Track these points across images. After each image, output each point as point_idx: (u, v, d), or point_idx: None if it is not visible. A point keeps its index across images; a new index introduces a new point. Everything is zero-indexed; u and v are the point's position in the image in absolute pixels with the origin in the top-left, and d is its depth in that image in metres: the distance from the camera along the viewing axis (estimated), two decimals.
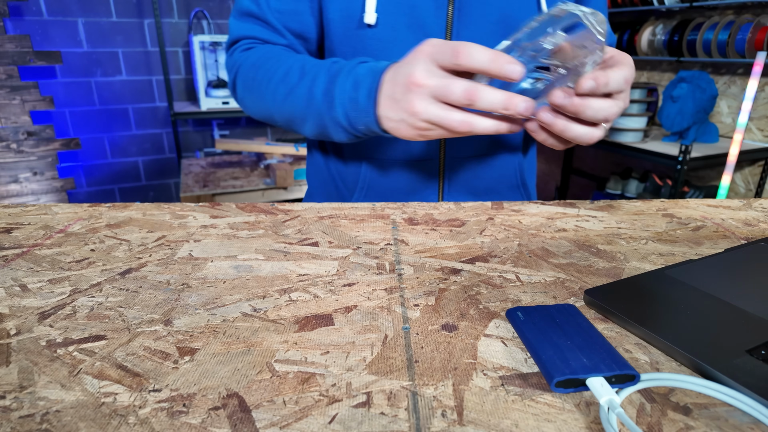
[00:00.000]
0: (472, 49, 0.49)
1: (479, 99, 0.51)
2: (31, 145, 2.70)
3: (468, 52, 0.50)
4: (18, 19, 2.77)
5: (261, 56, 0.74)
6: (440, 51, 0.52)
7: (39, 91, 2.66)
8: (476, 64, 0.50)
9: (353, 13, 0.74)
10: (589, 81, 0.50)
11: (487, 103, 0.50)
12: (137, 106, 3.18)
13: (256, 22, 0.77)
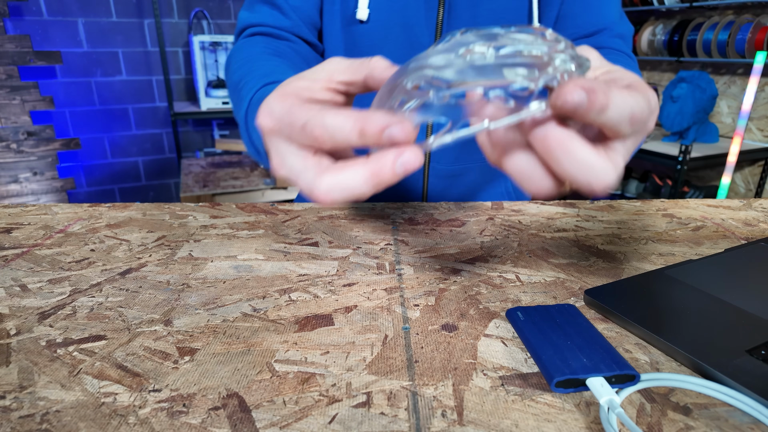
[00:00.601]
0: (326, 119, 0.32)
1: (318, 133, 0.33)
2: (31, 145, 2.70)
3: (320, 125, 0.32)
4: (18, 19, 2.77)
5: (234, 55, 0.71)
6: (286, 128, 0.35)
7: (39, 91, 2.66)
8: (336, 139, 0.32)
9: (346, 8, 0.74)
10: (577, 91, 0.29)
11: (329, 136, 0.32)
12: (137, 106, 3.18)
13: (264, 5, 0.76)
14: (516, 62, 0.29)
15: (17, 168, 2.71)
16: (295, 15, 0.74)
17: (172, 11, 3.10)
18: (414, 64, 0.32)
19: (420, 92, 0.31)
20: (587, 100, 0.29)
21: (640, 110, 0.32)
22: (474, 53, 0.30)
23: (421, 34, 0.73)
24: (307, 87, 0.37)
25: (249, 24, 0.76)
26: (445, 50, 0.31)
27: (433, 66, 0.31)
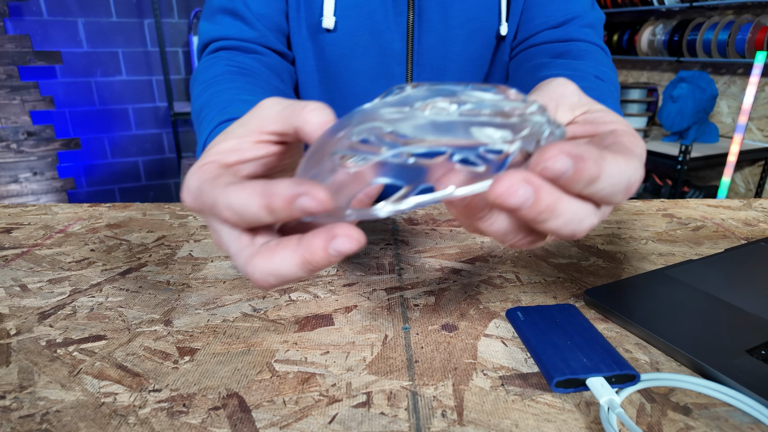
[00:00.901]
0: (230, 198, 0.28)
1: (227, 215, 0.28)
2: (31, 145, 2.70)
3: (226, 205, 0.28)
4: (18, 19, 2.77)
5: (196, 76, 0.65)
6: (204, 207, 0.30)
7: (39, 91, 2.66)
8: (246, 218, 0.28)
9: (311, 15, 0.69)
10: (561, 158, 0.24)
11: (238, 217, 0.28)
12: (137, 106, 3.18)
13: (225, 16, 0.69)
14: (485, 121, 0.25)
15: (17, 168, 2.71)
16: (261, 24, 0.69)
17: (172, 11, 3.10)
18: (360, 116, 0.27)
19: (369, 147, 0.25)
20: (573, 169, 0.25)
21: (637, 178, 0.28)
22: (435, 108, 0.25)
23: (392, 39, 0.70)
24: (234, 148, 0.33)
25: (212, 38, 0.69)
26: (397, 103, 0.27)
27: (385, 119, 0.25)
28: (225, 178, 0.30)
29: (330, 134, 0.28)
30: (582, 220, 0.27)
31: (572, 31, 0.68)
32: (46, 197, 2.78)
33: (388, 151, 0.25)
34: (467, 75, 0.72)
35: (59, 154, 3.02)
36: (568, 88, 0.36)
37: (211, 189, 0.29)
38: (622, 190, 0.27)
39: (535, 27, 0.69)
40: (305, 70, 0.72)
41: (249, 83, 0.57)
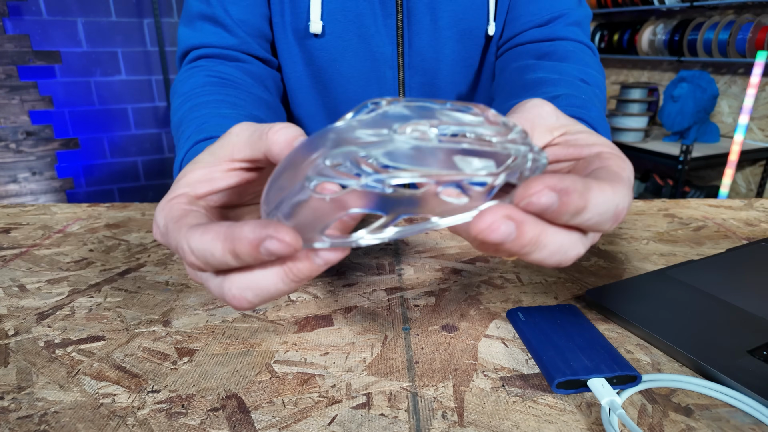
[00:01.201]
0: (192, 242, 0.26)
1: (191, 260, 0.27)
2: (30, 145, 2.70)
3: (188, 251, 0.27)
4: (17, 18, 2.77)
5: (176, 88, 0.63)
6: (168, 245, 0.30)
7: (38, 91, 2.66)
8: (212, 264, 0.26)
9: (298, 20, 0.67)
10: (546, 193, 0.24)
11: (204, 262, 0.27)
12: (136, 105, 3.17)
13: (205, 22, 0.67)
14: (468, 149, 0.24)
15: (16, 168, 2.70)
16: (242, 31, 0.66)
17: (172, 11, 3.10)
18: (334, 137, 0.25)
19: (345, 174, 0.24)
20: (558, 203, 0.24)
21: (624, 205, 0.27)
22: (415, 131, 0.24)
23: (382, 43, 0.69)
24: (204, 178, 0.32)
25: (192, 45, 0.67)
26: (373, 123, 0.25)
27: (361, 141, 0.24)
28: (190, 218, 0.29)
29: (300, 153, 0.26)
30: (568, 251, 0.27)
31: (558, 30, 0.67)
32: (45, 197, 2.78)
33: (366, 179, 0.23)
34: (459, 76, 0.72)
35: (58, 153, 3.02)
36: (545, 109, 0.35)
37: (175, 230, 0.28)
38: (610, 218, 0.27)
39: (521, 25, 0.68)
40: (294, 77, 0.71)
41: (229, 95, 0.56)
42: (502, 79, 0.66)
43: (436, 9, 0.66)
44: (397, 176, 0.23)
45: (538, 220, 0.25)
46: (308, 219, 0.25)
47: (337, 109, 0.73)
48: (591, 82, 0.57)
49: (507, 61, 0.68)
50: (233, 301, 0.27)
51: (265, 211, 0.27)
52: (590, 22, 0.71)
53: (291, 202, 0.25)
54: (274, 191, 0.26)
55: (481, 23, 0.68)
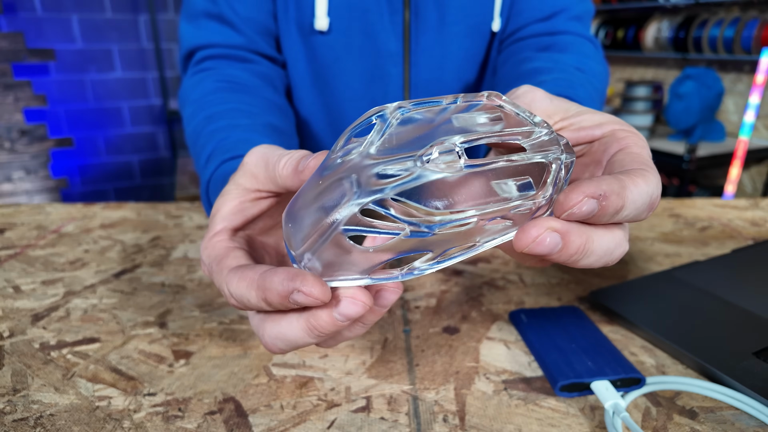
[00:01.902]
0: (231, 288, 0.29)
1: (233, 303, 0.29)
2: (24, 144, 2.69)
3: (229, 295, 0.29)
4: (11, 15, 2.75)
5: (187, 93, 0.62)
6: (214, 281, 0.32)
7: (32, 89, 2.64)
8: (250, 306, 0.28)
9: (302, 15, 0.66)
10: (586, 202, 0.25)
11: (243, 305, 0.29)
12: (132, 103, 3.16)
13: (210, 21, 0.66)
14: (502, 169, 0.24)
15: (10, 167, 2.69)
16: (248, 28, 0.65)
17: (167, 7, 3.08)
18: (352, 172, 0.24)
19: (383, 225, 0.23)
20: (599, 208, 0.25)
21: (657, 193, 0.27)
22: (440, 158, 0.23)
23: (387, 40, 0.67)
24: (237, 210, 0.34)
25: (197, 45, 0.65)
26: (390, 149, 0.24)
27: (387, 183, 0.22)
28: (230, 259, 0.31)
29: (320, 196, 0.25)
30: (614, 251, 0.27)
31: (559, 24, 0.66)
32: (39, 197, 2.76)
33: (411, 227, 0.23)
34: (464, 73, 0.71)
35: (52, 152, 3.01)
36: (536, 95, 0.35)
37: (218, 273, 0.30)
38: (646, 209, 0.27)
39: (523, 20, 0.67)
40: (297, 74, 0.71)
41: (243, 102, 0.55)
42: (502, 73, 0.66)
43: (444, 5, 0.66)
44: (443, 222, 0.23)
45: (581, 226, 0.26)
46: (346, 264, 0.25)
47: (339, 107, 0.72)
48: (587, 70, 0.57)
49: (508, 55, 0.67)
50: (267, 346, 0.29)
51: (292, 254, 0.27)
52: (592, 18, 0.71)
53: (322, 251, 0.25)
54: (297, 231, 0.26)
55: (487, 19, 0.68)
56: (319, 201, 0.25)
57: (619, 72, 3.39)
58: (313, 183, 0.26)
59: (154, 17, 2.94)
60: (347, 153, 0.25)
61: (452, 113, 0.26)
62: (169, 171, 3.41)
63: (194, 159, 0.54)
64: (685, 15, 2.83)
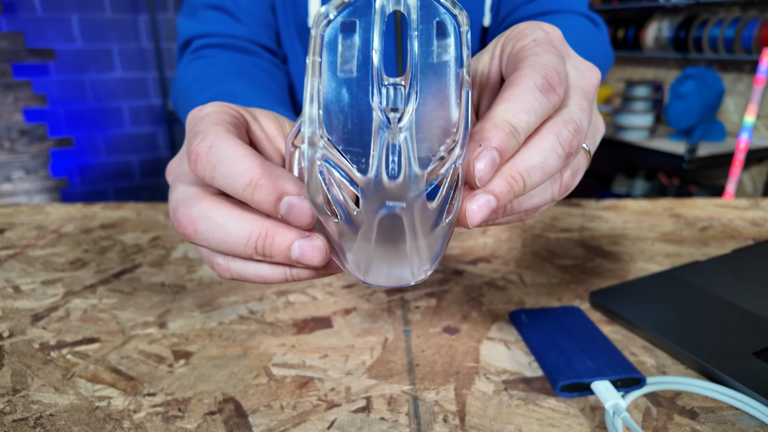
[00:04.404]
0: (224, 163, 0.24)
1: (202, 235, 0.25)
2: (24, 144, 2.68)
3: (216, 162, 0.24)
4: (11, 15, 2.75)
5: (195, 74, 0.59)
6: (186, 168, 0.29)
7: (32, 89, 2.64)
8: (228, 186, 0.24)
9: (298, 15, 0.65)
10: (480, 211, 0.24)
11: (216, 242, 0.25)
12: (132, 103, 3.16)
13: (211, 11, 0.64)
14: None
15: (10, 167, 2.69)
16: (250, 20, 0.64)
17: (167, 7, 3.08)
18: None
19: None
20: (497, 206, 0.24)
21: (565, 143, 0.25)
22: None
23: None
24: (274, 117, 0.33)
25: (195, 34, 0.63)
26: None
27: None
28: (227, 126, 0.27)
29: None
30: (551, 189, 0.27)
31: (548, 2, 0.63)
32: (39, 197, 2.76)
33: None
34: None
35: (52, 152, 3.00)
36: (471, 62, 0.32)
37: (205, 127, 0.26)
38: (562, 155, 0.25)
39: (512, 5, 0.64)
40: (297, 72, 0.70)
41: (255, 89, 0.54)
42: None
43: None
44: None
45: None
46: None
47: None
48: (571, 36, 0.53)
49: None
50: (181, 223, 0.25)
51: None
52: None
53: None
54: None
55: (479, 15, 0.67)
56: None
57: (620, 72, 3.38)
58: None
59: (154, 17, 2.94)
60: None
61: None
62: None
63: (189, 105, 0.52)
64: (685, 15, 2.83)
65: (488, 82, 0.30)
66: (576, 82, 0.27)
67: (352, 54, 0.21)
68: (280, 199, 0.23)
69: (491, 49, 0.30)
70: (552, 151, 0.24)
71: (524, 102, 0.23)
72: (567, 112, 0.25)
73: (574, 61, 0.29)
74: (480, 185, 0.24)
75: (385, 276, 0.24)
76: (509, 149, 0.23)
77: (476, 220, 0.24)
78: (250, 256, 0.25)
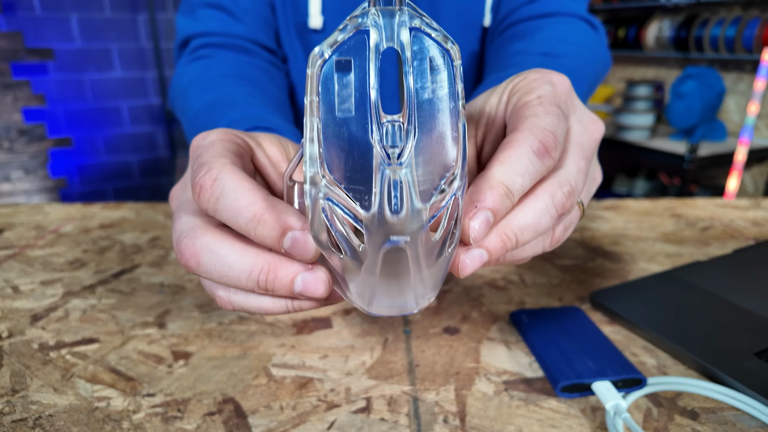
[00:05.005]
0: (227, 196, 0.24)
1: (204, 268, 0.26)
2: (23, 144, 2.68)
3: (219, 195, 0.25)
4: (10, 14, 2.75)
5: (195, 77, 0.59)
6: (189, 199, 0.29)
7: (31, 89, 2.64)
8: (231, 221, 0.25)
9: (298, 15, 0.65)
10: (470, 263, 0.25)
11: (218, 275, 0.26)
12: (131, 103, 3.16)
13: (209, 9, 0.63)
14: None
15: (9, 167, 2.68)
16: (249, 19, 0.63)
17: (167, 6, 3.08)
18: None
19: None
20: (489, 260, 0.25)
21: (558, 205, 0.26)
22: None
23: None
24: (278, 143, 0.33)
25: (194, 33, 0.63)
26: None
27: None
28: (232, 157, 0.28)
29: None
30: (543, 242, 0.28)
31: (547, 4, 0.62)
32: (38, 197, 2.76)
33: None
34: None
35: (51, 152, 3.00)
36: (477, 102, 0.33)
37: (209, 157, 0.27)
38: (545, 226, 0.26)
39: (511, 5, 0.64)
40: (297, 72, 0.70)
41: (255, 93, 0.54)
42: (485, 69, 0.65)
43: (437, 3, 0.65)
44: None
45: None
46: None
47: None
48: (558, 53, 0.53)
49: (495, 47, 0.65)
50: (184, 254, 0.26)
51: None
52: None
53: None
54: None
55: (479, 15, 0.67)
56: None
57: (620, 71, 3.38)
58: None
59: (153, 16, 2.94)
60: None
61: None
62: (168, 171, 3.40)
63: (205, 126, 0.51)
64: (686, 14, 2.82)
65: (494, 125, 0.31)
66: (577, 138, 0.29)
67: (349, 92, 0.21)
68: (283, 234, 0.24)
69: (500, 92, 0.31)
70: (546, 212, 0.26)
71: (519, 165, 0.25)
72: (563, 173, 0.27)
73: (579, 114, 0.30)
74: (474, 244, 0.25)
75: (388, 306, 0.25)
76: (503, 209, 0.25)
77: (468, 271, 0.25)
78: (252, 290, 0.25)
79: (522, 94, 0.29)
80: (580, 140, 0.29)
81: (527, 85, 0.29)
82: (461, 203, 0.23)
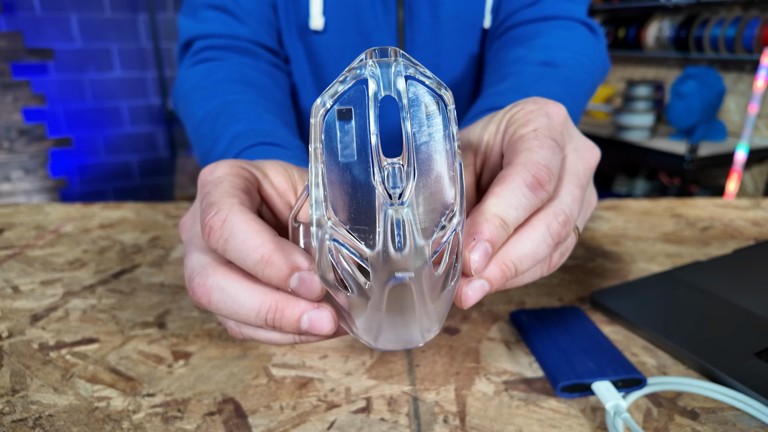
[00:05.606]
0: (236, 238, 0.26)
1: (216, 305, 0.27)
2: (23, 144, 2.68)
3: (228, 237, 0.26)
4: (10, 14, 2.75)
5: (196, 83, 0.59)
6: (197, 234, 0.30)
7: (31, 89, 2.64)
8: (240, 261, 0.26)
9: (299, 16, 0.65)
10: (473, 293, 0.27)
11: (228, 312, 0.27)
12: (131, 103, 3.16)
13: (211, 11, 0.63)
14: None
15: (9, 167, 2.68)
16: (252, 20, 0.63)
17: (167, 6, 3.08)
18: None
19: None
20: (490, 289, 0.27)
21: (554, 234, 0.28)
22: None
23: (382, 39, 0.67)
24: (285, 175, 0.34)
25: (197, 35, 0.63)
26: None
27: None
28: (242, 195, 0.29)
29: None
30: (541, 269, 0.30)
31: (547, 8, 0.63)
32: (38, 196, 2.76)
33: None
34: (460, 71, 0.70)
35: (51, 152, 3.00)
36: (476, 130, 0.35)
37: (219, 196, 0.28)
38: (544, 253, 0.28)
39: (512, 7, 0.64)
40: (299, 73, 0.70)
41: (260, 99, 0.55)
42: (485, 74, 0.65)
43: (437, 4, 0.65)
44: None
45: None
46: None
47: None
48: (557, 62, 0.54)
49: (494, 50, 0.66)
50: (196, 292, 0.27)
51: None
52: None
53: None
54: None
55: (480, 16, 0.67)
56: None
57: (620, 71, 3.38)
58: None
59: (154, 16, 2.94)
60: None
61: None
62: (168, 171, 3.41)
63: (208, 136, 0.52)
64: (686, 14, 2.82)
65: (491, 153, 0.33)
66: (572, 168, 0.30)
67: (350, 139, 0.23)
68: (290, 274, 0.25)
69: (498, 121, 0.33)
70: (542, 242, 0.27)
71: (513, 198, 0.26)
72: (558, 203, 0.28)
73: (576, 142, 0.32)
74: (475, 275, 0.26)
75: (394, 341, 0.26)
76: (500, 240, 0.26)
77: (470, 302, 0.27)
78: (260, 326, 0.27)
79: (518, 126, 0.30)
80: (576, 169, 0.30)
81: (524, 116, 0.31)
82: (461, 238, 0.24)
